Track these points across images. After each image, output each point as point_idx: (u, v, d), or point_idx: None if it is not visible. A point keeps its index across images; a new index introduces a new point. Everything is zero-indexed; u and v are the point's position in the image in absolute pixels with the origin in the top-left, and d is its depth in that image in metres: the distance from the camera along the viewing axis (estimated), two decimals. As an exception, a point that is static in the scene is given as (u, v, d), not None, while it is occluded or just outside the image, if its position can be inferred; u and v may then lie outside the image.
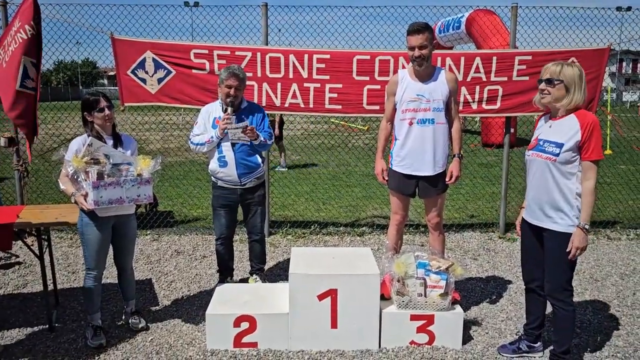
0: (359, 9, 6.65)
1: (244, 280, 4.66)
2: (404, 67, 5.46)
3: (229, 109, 4.07)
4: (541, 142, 3.08)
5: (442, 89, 3.80)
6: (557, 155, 2.94)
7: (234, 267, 4.66)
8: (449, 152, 3.97)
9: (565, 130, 2.96)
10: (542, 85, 3.01)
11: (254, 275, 4.55)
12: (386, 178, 4.02)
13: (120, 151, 3.49)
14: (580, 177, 2.94)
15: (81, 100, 3.54)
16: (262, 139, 4.15)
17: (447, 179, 3.90)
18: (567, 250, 2.93)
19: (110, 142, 3.52)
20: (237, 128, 3.99)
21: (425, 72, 3.79)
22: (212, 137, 4.11)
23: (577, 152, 2.92)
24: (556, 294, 3.09)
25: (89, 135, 3.44)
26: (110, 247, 3.65)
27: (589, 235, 3.00)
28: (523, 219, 3.30)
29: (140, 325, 3.79)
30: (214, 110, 4.26)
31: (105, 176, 3.27)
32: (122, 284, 3.83)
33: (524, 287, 3.44)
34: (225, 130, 4.03)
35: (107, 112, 3.45)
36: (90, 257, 3.51)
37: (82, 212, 3.39)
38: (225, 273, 4.52)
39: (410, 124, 3.82)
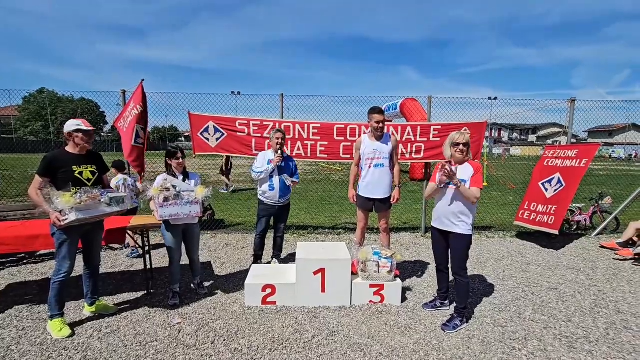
0: (341, 97, 6.82)
1: (268, 263, 4.65)
2: (364, 132, 5.55)
3: (279, 152, 4.18)
4: None
5: (388, 146, 3.85)
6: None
7: (263, 254, 4.61)
8: (392, 183, 3.99)
9: (466, 171, 3.04)
10: (461, 147, 3.03)
11: (274, 259, 4.53)
12: (355, 200, 4.04)
13: (186, 183, 3.42)
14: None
15: (165, 151, 3.49)
16: (295, 180, 4.29)
17: (391, 200, 3.93)
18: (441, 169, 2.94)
19: (181, 177, 3.45)
20: (287, 179, 4.20)
21: (380, 135, 3.87)
22: (267, 168, 4.14)
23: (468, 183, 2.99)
24: (459, 271, 3.10)
25: (167, 173, 3.42)
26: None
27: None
28: (433, 226, 3.25)
29: (203, 292, 3.75)
30: (268, 155, 4.29)
31: (170, 199, 3.25)
32: (192, 266, 3.76)
33: (436, 267, 3.42)
34: (274, 166, 4.13)
35: (180, 160, 3.43)
36: (170, 249, 3.44)
37: (164, 222, 3.37)
38: (257, 257, 4.49)
39: (370, 167, 3.87)
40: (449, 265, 3.22)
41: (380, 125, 3.77)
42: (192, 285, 3.86)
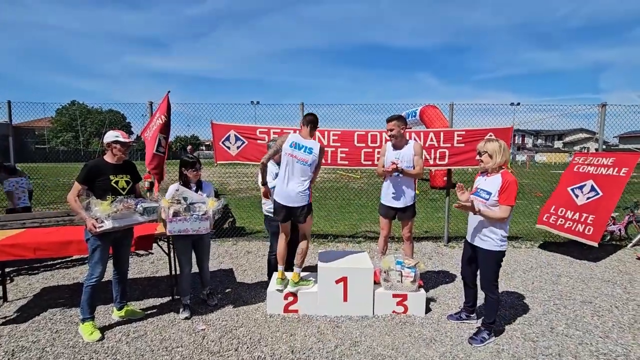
0: (359, 105, 6.86)
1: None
2: (386, 140, 5.54)
3: None
4: (479, 190, 2.95)
5: (410, 153, 3.79)
6: (488, 199, 2.85)
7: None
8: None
9: (494, 183, 2.86)
10: (477, 157, 2.96)
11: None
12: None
13: (198, 194, 3.30)
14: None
15: (180, 160, 3.33)
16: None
17: (390, 164, 3.68)
18: (457, 206, 2.78)
19: (194, 187, 3.34)
20: None
21: (400, 143, 3.83)
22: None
23: (498, 198, 2.81)
24: (488, 288, 2.97)
25: (180, 183, 3.32)
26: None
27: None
28: (465, 238, 3.15)
29: (213, 303, 3.61)
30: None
31: (180, 213, 3.14)
32: (201, 275, 3.61)
33: (462, 279, 3.30)
34: None
35: (198, 172, 3.34)
36: (182, 260, 3.35)
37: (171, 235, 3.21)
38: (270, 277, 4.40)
39: (391, 174, 3.84)
40: (477, 281, 3.11)
41: (391, 132, 3.73)
42: (201, 296, 3.74)
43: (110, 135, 3.07)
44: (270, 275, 4.40)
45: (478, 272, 3.08)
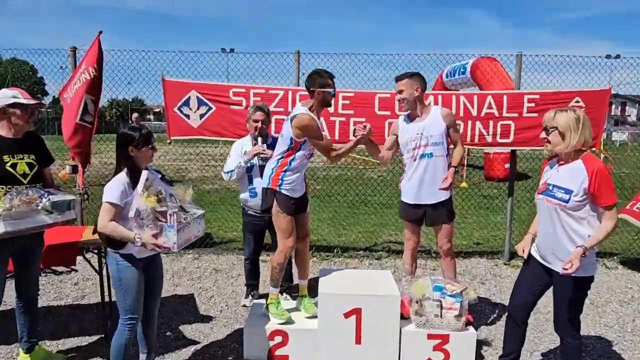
0: (379, 56, 6.76)
1: (266, 296, 4.24)
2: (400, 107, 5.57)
3: (259, 140, 4.21)
4: (550, 187, 2.85)
5: (438, 124, 3.79)
6: (567, 201, 2.72)
7: (259, 283, 4.71)
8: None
9: (573, 176, 2.73)
10: (543, 134, 2.85)
11: (252, 296, 4.57)
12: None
13: (164, 182, 3.02)
14: (591, 222, 2.72)
15: (121, 134, 2.87)
16: None
17: (440, 184, 3.80)
18: (565, 268, 2.63)
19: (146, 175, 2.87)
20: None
21: (417, 112, 3.83)
22: (240, 163, 4.21)
23: (586, 197, 2.70)
24: (566, 330, 2.92)
25: (126, 171, 2.86)
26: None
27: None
28: (531, 253, 3.07)
29: None
30: (244, 144, 4.39)
31: (174, 214, 2.80)
32: (146, 333, 3.19)
33: (507, 315, 3.24)
34: (251, 162, 4.18)
35: (155, 149, 2.97)
36: (132, 304, 2.90)
37: (118, 255, 2.83)
38: (250, 288, 4.60)
39: (414, 159, 3.83)
40: (548, 319, 3.12)
41: (401, 95, 3.76)
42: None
43: (5, 96, 3.02)
44: (247, 289, 4.55)
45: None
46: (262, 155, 4.15)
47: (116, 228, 2.71)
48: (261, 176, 4.12)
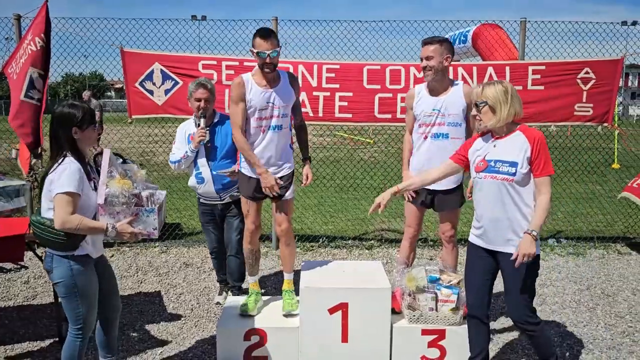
0: (367, 23, 6.68)
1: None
2: (415, 77, 5.52)
3: (202, 122, 4.09)
4: (492, 163, 2.93)
5: (459, 102, 3.75)
6: (514, 174, 2.84)
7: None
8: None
9: (514, 147, 2.87)
10: (473, 111, 2.96)
11: (226, 292, 4.52)
12: (411, 197, 3.89)
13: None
14: (534, 193, 2.87)
15: (65, 112, 2.73)
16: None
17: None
18: (514, 258, 2.78)
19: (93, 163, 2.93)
20: (224, 172, 4.04)
21: (441, 86, 3.76)
22: (186, 152, 4.15)
23: (529, 169, 2.85)
24: (523, 318, 2.97)
25: (63, 157, 2.71)
26: None
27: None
28: (470, 241, 3.16)
29: None
30: (188, 127, 4.31)
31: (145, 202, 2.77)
32: (109, 337, 3.10)
33: (467, 315, 3.24)
34: (195, 148, 4.11)
35: (98, 127, 2.92)
36: (87, 312, 2.78)
37: (66, 259, 2.67)
38: (224, 284, 4.60)
39: (425, 136, 3.80)
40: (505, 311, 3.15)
41: (428, 62, 3.64)
42: None
43: None
44: (221, 284, 4.54)
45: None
46: (206, 139, 4.08)
47: (82, 220, 2.58)
48: (207, 156, 4.13)
